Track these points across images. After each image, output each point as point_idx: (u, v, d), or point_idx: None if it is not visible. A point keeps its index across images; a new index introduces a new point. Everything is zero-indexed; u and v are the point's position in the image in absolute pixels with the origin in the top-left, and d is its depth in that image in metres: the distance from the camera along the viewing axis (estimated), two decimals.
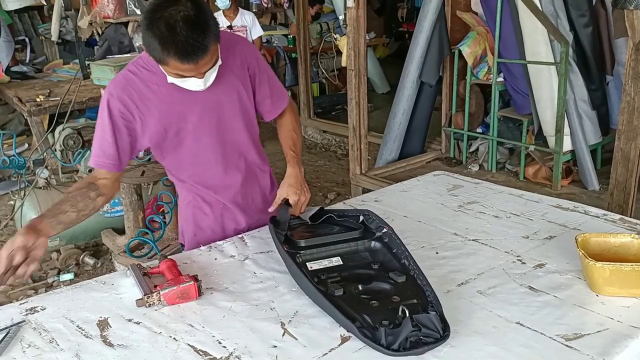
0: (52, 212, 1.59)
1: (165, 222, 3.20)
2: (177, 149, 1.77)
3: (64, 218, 1.60)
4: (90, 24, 3.12)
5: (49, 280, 3.56)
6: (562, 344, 1.29)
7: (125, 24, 3.25)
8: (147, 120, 1.68)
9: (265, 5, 8.13)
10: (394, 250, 1.61)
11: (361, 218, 1.77)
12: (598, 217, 1.95)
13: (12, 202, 4.44)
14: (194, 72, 1.53)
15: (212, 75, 1.61)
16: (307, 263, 1.58)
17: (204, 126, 1.74)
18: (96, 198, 1.68)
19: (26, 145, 5.12)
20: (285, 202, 1.78)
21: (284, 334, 1.36)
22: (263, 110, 1.86)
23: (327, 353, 1.29)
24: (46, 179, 3.69)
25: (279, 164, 2.33)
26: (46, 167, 3.74)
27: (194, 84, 1.59)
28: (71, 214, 1.61)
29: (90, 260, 3.69)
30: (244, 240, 1.88)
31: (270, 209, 1.80)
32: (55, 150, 3.71)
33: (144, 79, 1.66)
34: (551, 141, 4.31)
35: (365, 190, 4.29)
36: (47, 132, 4.12)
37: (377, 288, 1.46)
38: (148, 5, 1.51)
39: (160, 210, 3.33)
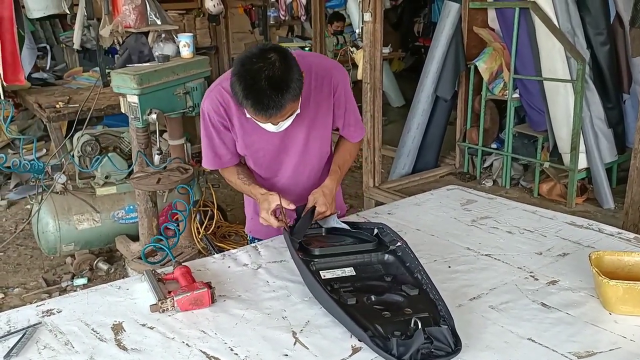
0: (255, 184, 1.92)
1: (179, 230, 3.22)
2: (256, 158, 1.96)
3: None
4: (112, 33, 3.18)
5: (63, 285, 3.59)
6: None
7: (146, 34, 3.30)
8: (235, 131, 1.87)
9: (283, 17, 8.21)
10: (407, 264, 1.61)
11: (375, 231, 1.78)
12: (612, 235, 1.94)
13: (28, 207, 4.51)
14: (267, 121, 1.67)
15: (286, 123, 1.72)
16: (320, 271, 1.59)
17: (282, 150, 1.91)
18: None
19: (44, 150, 5.20)
20: (311, 209, 1.83)
21: (295, 343, 1.37)
22: (346, 133, 2.00)
23: None
24: (63, 184, 3.73)
25: None
26: (64, 172, 3.79)
27: (267, 127, 1.72)
28: None
29: (103, 266, 3.73)
30: (257, 249, 1.89)
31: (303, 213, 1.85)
32: (74, 157, 3.76)
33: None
34: (566, 158, 4.28)
35: (378, 203, 4.29)
36: (65, 138, 4.18)
37: (390, 300, 1.46)
38: (242, 53, 1.64)
39: (175, 218, 3.36)
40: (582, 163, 4.22)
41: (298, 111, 1.71)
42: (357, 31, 6.41)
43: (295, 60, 1.61)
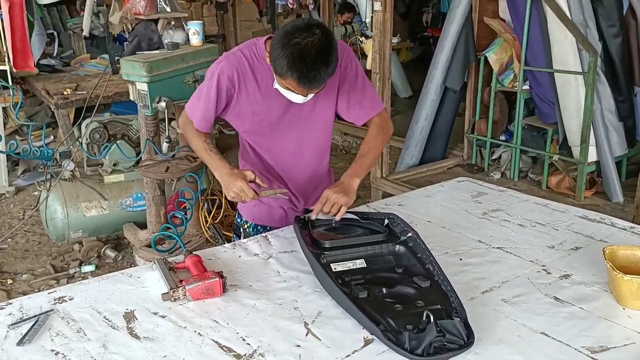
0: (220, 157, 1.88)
1: (187, 218, 3.23)
2: (257, 131, 1.92)
3: None
4: (121, 20, 3.16)
5: (71, 271, 3.61)
6: (588, 356, 1.28)
7: (156, 21, 3.28)
8: (241, 99, 1.84)
9: (291, 6, 8.16)
10: (419, 255, 1.60)
11: (386, 221, 1.77)
12: (625, 229, 1.93)
13: (36, 193, 4.52)
14: (303, 94, 1.69)
15: (310, 96, 1.73)
16: (331, 264, 1.58)
17: (287, 123, 1.89)
18: None
19: (52, 137, 5.20)
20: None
21: (307, 334, 1.37)
22: (353, 115, 1.92)
23: (350, 355, 1.29)
24: (72, 171, 3.74)
25: None
26: (72, 159, 3.79)
27: (296, 98, 1.73)
28: None
29: (111, 253, 3.74)
30: (267, 239, 1.89)
31: (314, 212, 1.80)
32: (82, 144, 3.76)
33: (253, 67, 1.80)
34: (576, 151, 4.25)
35: (386, 194, 4.28)
36: (73, 125, 4.18)
37: (401, 292, 1.46)
38: (287, 25, 1.64)
39: (182, 206, 3.36)
40: (592, 156, 4.19)
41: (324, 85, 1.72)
42: (366, 20, 6.35)
43: (334, 36, 1.63)
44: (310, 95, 1.73)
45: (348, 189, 1.79)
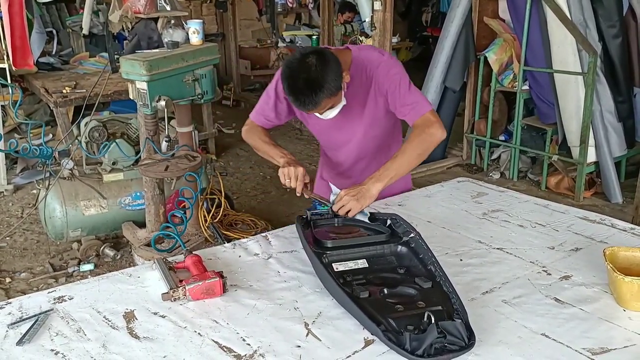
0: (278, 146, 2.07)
1: (186, 218, 3.22)
2: (318, 134, 2.20)
3: None
4: (121, 18, 3.15)
5: (70, 270, 3.60)
6: (589, 357, 1.28)
7: (155, 20, 3.27)
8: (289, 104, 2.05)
9: (290, 5, 8.16)
10: (421, 256, 1.60)
11: (388, 222, 1.77)
12: (625, 230, 1.93)
13: (35, 192, 4.51)
14: (310, 113, 1.92)
15: (332, 113, 1.93)
16: (333, 264, 1.58)
17: (337, 127, 2.07)
18: None
19: (50, 135, 5.19)
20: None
21: (307, 334, 1.37)
22: (403, 115, 1.99)
23: (350, 355, 1.29)
24: (71, 169, 3.72)
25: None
26: (71, 158, 3.78)
27: (316, 114, 1.93)
28: None
29: (110, 252, 3.73)
30: (267, 239, 1.89)
31: (334, 208, 1.85)
32: (81, 142, 3.75)
33: None
34: (575, 152, 4.26)
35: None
36: (72, 124, 4.17)
37: (403, 293, 1.45)
38: (289, 55, 1.90)
39: (182, 205, 3.35)
40: (591, 157, 4.20)
41: (343, 102, 1.92)
42: (366, 20, 6.34)
43: (334, 62, 1.80)
44: (330, 113, 1.92)
45: (364, 194, 1.80)
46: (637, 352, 1.30)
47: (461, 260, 1.74)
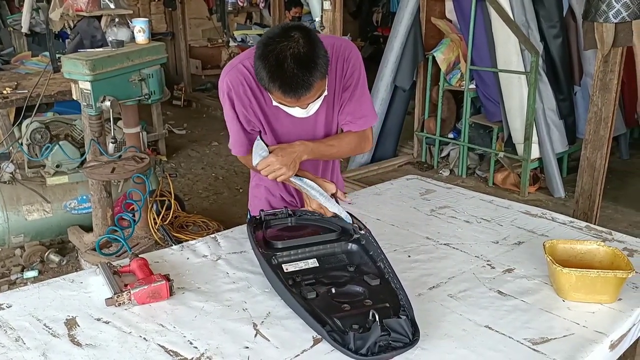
0: None
1: (134, 220, 3.15)
2: (270, 139, 1.79)
3: None
4: (62, 16, 3.05)
5: (12, 277, 3.46)
6: (530, 347, 1.32)
7: (99, 18, 3.19)
8: (251, 111, 1.73)
9: (241, 4, 8.09)
10: (371, 253, 1.61)
11: (339, 220, 1.77)
12: (565, 224, 2.00)
13: None
14: (296, 104, 1.59)
15: (315, 106, 1.65)
16: (282, 265, 1.57)
17: (294, 132, 1.77)
18: None
19: None
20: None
21: (256, 335, 1.36)
22: (341, 120, 1.82)
23: (299, 354, 1.29)
24: (12, 173, 3.59)
25: None
26: (12, 161, 3.64)
27: (296, 112, 1.64)
28: None
29: (55, 258, 3.60)
30: (216, 240, 1.86)
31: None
32: (22, 145, 3.62)
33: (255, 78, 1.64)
34: (520, 148, 4.39)
35: None
36: (13, 125, 4.01)
37: (351, 291, 1.46)
38: (264, 35, 1.55)
39: (130, 208, 3.28)
40: (535, 153, 4.34)
41: (326, 92, 1.64)
42: (316, 19, 6.36)
43: (318, 37, 1.54)
44: (314, 106, 1.64)
45: (290, 156, 1.66)
46: (575, 341, 1.35)
47: (409, 256, 1.76)
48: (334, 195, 1.76)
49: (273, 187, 1.96)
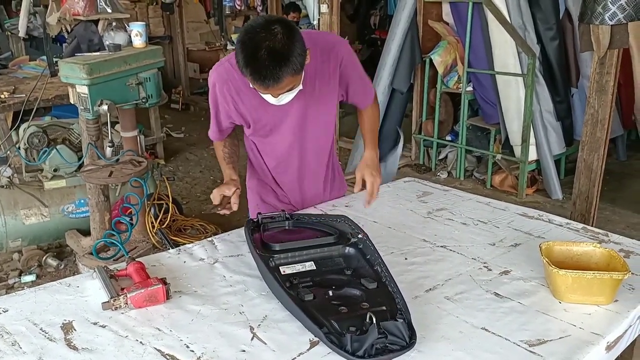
0: (232, 164, 2.00)
1: (132, 224, 3.15)
2: (262, 137, 2.00)
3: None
4: (59, 20, 3.06)
5: (10, 282, 3.46)
6: (526, 349, 1.32)
7: (96, 22, 3.19)
8: (240, 108, 1.89)
9: (239, 7, 8.10)
10: (368, 257, 1.61)
11: (337, 223, 1.78)
12: (561, 225, 2.00)
13: None
14: (266, 93, 1.67)
15: (287, 97, 1.72)
16: (280, 267, 1.57)
17: (287, 125, 1.93)
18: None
19: None
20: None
21: (252, 338, 1.36)
22: (356, 101, 2.06)
23: (295, 357, 1.29)
24: (9, 177, 3.59)
25: None
26: (9, 165, 3.64)
27: (269, 98, 1.72)
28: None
29: (53, 262, 3.60)
30: (213, 244, 1.86)
31: (355, 190, 2.03)
32: (20, 149, 3.62)
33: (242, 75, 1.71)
34: (517, 150, 4.40)
35: None
36: (11, 129, 4.01)
37: (348, 294, 1.46)
38: (249, 22, 1.67)
39: (127, 212, 3.28)
40: (532, 155, 4.35)
41: (300, 87, 1.71)
42: (313, 23, 6.38)
43: (300, 35, 1.60)
44: (285, 97, 1.70)
45: (377, 166, 1.99)
46: (572, 343, 1.35)
47: (406, 259, 1.76)
48: None
49: (264, 193, 2.13)
